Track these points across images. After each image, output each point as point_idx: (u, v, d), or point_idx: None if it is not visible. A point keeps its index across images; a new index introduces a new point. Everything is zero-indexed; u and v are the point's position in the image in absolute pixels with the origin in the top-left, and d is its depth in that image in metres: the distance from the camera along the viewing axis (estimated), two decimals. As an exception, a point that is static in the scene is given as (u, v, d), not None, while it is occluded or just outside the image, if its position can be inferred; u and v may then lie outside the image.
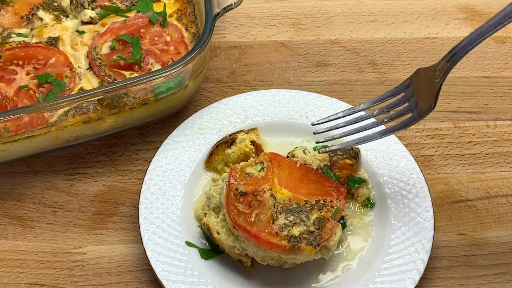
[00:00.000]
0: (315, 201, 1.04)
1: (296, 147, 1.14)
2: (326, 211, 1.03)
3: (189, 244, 1.07)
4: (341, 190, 1.07)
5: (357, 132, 1.10)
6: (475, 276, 1.10)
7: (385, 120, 1.07)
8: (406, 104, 1.05)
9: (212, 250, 1.07)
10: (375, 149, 1.18)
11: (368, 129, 1.09)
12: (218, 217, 1.06)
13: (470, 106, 1.31)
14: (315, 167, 1.09)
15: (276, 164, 1.08)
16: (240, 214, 1.01)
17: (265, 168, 1.06)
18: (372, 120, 1.10)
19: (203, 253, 1.07)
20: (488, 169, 1.23)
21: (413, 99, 1.03)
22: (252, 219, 1.00)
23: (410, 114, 1.04)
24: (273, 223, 1.00)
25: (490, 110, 1.31)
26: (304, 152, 1.12)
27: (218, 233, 1.04)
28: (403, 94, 1.06)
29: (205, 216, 1.08)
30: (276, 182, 1.05)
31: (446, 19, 1.45)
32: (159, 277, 1.03)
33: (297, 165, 1.09)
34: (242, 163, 1.09)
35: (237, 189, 1.03)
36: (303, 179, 1.07)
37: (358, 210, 1.13)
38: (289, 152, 1.13)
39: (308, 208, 1.03)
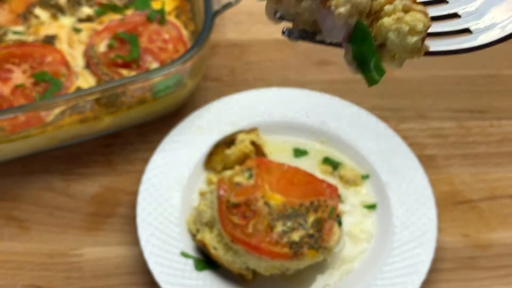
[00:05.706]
0: (310, 202, 1.02)
1: None
2: (322, 212, 1.01)
3: (184, 255, 1.04)
4: (333, 188, 1.05)
5: None
6: (479, 278, 1.09)
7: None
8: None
9: (207, 262, 1.04)
10: (377, 148, 1.16)
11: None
12: (212, 232, 1.03)
13: (474, 105, 1.29)
14: None
15: (264, 169, 1.05)
16: (237, 227, 0.99)
17: (253, 175, 1.04)
18: None
19: (198, 264, 1.03)
20: (493, 169, 1.21)
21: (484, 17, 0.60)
22: (250, 230, 0.98)
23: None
24: (271, 231, 0.98)
25: (495, 109, 1.29)
26: None
27: (215, 248, 1.01)
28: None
29: (198, 232, 1.05)
30: (267, 188, 1.03)
31: (450, 16, 1.43)
32: (157, 279, 1.01)
33: (285, 168, 1.07)
34: (228, 172, 1.06)
35: (228, 201, 1.01)
36: (293, 181, 1.05)
37: (360, 212, 1.11)
38: None
39: (304, 211, 1.01)
